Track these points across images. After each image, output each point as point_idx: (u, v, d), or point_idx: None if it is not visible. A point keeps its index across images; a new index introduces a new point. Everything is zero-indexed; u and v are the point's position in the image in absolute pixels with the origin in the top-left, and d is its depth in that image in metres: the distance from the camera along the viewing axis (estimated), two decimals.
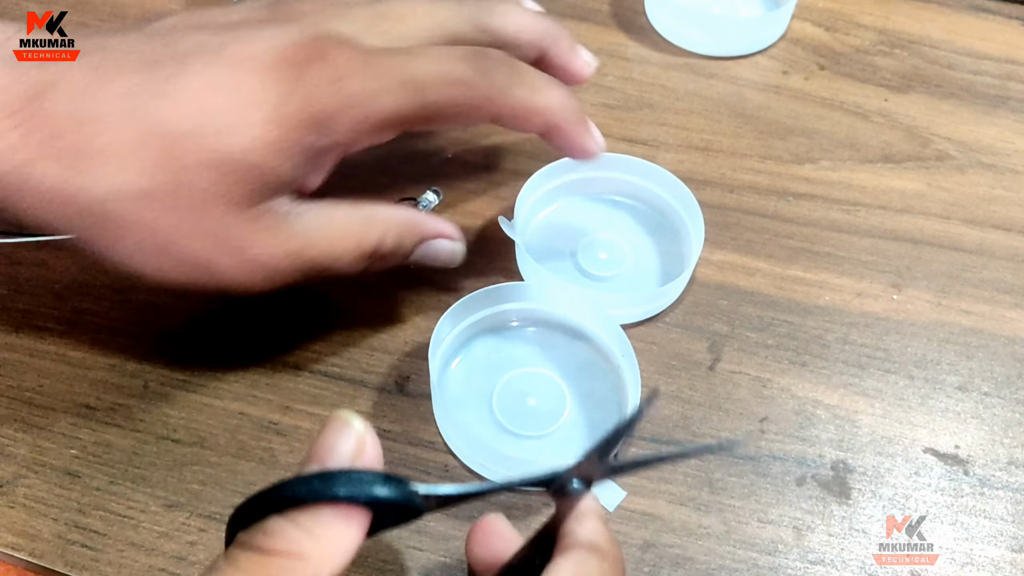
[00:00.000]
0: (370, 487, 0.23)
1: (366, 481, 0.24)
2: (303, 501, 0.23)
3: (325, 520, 0.23)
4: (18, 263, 0.44)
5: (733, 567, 0.36)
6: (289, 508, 0.23)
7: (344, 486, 0.23)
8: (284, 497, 0.23)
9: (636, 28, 0.57)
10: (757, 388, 0.41)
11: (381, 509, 0.24)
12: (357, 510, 0.23)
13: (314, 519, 0.23)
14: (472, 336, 0.41)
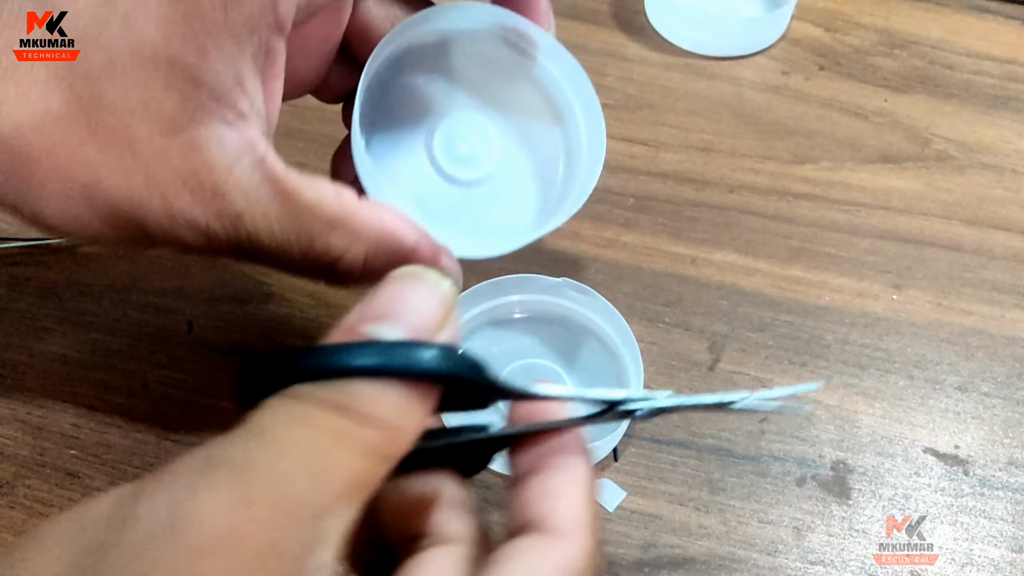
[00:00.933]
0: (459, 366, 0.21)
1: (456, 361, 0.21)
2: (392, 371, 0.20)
3: (416, 396, 0.20)
4: (18, 263, 0.44)
5: (733, 567, 0.36)
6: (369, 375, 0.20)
7: (440, 361, 0.20)
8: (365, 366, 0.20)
9: (636, 28, 0.57)
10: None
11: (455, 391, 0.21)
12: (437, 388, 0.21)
13: (405, 393, 0.20)
14: (475, 328, 0.41)
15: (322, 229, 0.27)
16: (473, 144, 0.35)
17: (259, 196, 0.26)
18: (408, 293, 0.22)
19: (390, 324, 0.21)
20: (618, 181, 0.49)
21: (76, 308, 0.42)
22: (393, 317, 0.21)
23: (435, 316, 0.21)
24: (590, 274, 0.44)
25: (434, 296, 0.22)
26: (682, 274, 0.44)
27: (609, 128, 0.51)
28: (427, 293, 0.22)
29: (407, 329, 0.21)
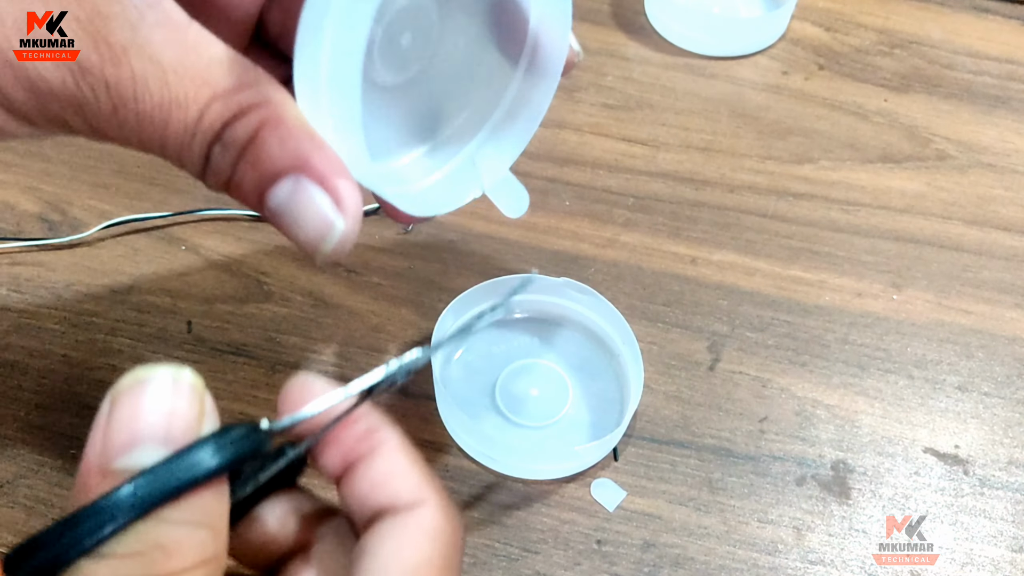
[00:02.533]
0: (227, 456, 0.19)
1: (222, 449, 0.19)
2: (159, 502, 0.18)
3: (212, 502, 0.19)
4: (18, 263, 0.44)
5: (733, 567, 0.36)
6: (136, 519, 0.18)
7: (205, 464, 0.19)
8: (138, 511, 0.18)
9: (636, 28, 0.57)
10: (757, 388, 0.41)
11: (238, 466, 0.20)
12: (218, 482, 0.19)
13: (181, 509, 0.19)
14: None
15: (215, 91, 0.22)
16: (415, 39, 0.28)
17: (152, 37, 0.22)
18: (151, 403, 0.19)
19: (141, 448, 0.18)
20: (618, 181, 0.49)
21: (76, 308, 0.42)
22: (143, 439, 0.18)
23: (191, 415, 0.19)
24: (590, 274, 0.44)
25: (183, 393, 0.19)
26: (682, 274, 0.44)
27: (609, 128, 0.51)
28: (174, 393, 0.19)
29: (165, 446, 0.19)
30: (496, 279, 0.41)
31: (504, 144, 0.29)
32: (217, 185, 0.24)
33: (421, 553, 0.23)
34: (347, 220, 0.23)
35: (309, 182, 0.23)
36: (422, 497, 0.23)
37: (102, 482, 0.18)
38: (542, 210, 0.47)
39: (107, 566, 0.18)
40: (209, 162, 0.23)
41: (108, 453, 0.18)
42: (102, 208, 0.46)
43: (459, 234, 0.46)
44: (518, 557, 0.35)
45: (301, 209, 0.23)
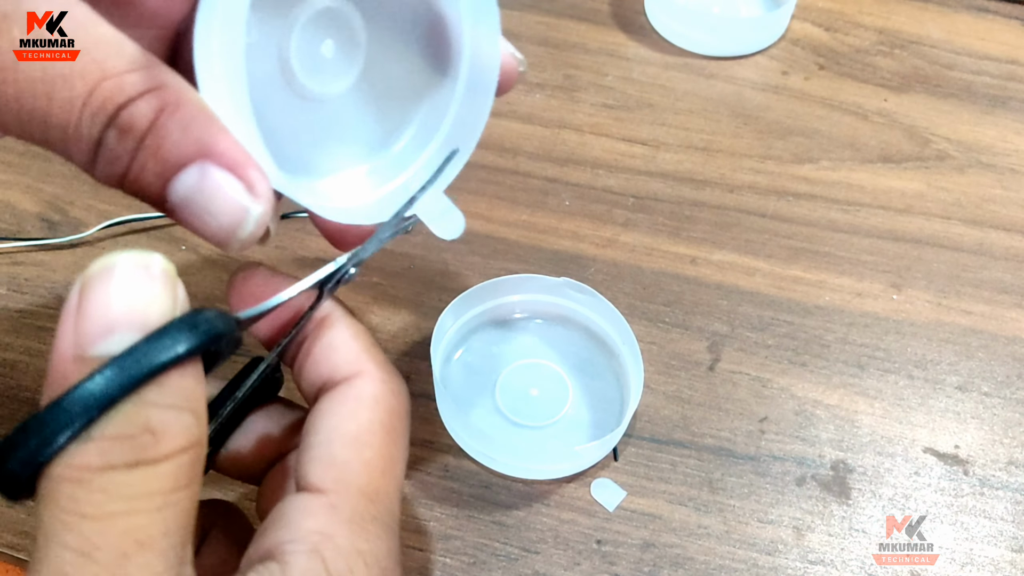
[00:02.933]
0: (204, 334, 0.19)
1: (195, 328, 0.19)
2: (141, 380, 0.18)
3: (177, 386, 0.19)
4: (18, 263, 0.44)
5: (733, 567, 0.36)
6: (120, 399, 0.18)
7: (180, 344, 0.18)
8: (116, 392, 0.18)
9: (636, 28, 0.57)
10: (757, 388, 0.41)
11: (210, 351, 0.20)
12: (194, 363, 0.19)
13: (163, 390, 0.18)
14: (475, 328, 0.41)
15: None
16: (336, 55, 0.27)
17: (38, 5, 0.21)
18: (123, 290, 0.18)
19: (117, 335, 0.18)
20: (618, 181, 0.49)
21: None
22: (118, 325, 0.18)
23: (166, 301, 0.19)
24: (590, 274, 0.44)
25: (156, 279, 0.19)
26: (682, 274, 0.44)
27: (609, 128, 0.51)
28: (147, 280, 0.19)
29: (140, 331, 0.18)
30: (496, 279, 0.41)
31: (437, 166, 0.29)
32: (111, 176, 0.22)
33: (360, 422, 0.23)
34: (261, 203, 0.21)
35: (217, 169, 0.21)
36: (359, 368, 0.24)
37: (79, 369, 0.18)
38: (542, 210, 0.47)
39: (96, 449, 0.18)
40: (101, 149, 0.21)
41: (82, 341, 0.18)
42: (102, 208, 0.46)
43: None
44: (518, 557, 0.35)
45: (210, 198, 0.21)
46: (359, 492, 0.22)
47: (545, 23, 0.57)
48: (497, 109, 0.29)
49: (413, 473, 0.38)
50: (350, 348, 0.24)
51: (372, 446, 0.23)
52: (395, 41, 0.29)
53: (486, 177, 0.48)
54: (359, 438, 0.23)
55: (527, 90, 0.53)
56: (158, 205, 0.22)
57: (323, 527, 0.21)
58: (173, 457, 0.18)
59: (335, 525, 0.22)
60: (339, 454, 0.23)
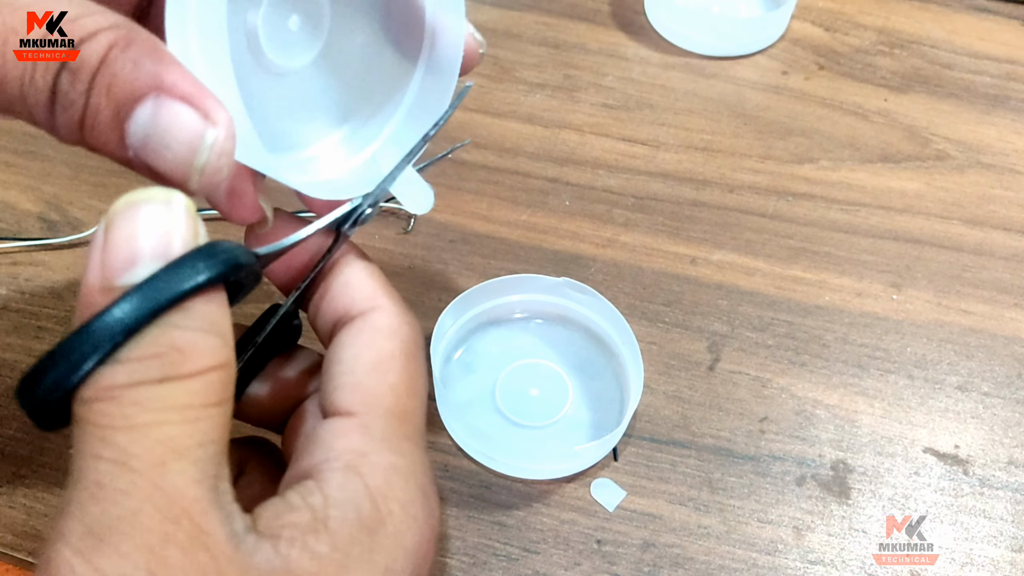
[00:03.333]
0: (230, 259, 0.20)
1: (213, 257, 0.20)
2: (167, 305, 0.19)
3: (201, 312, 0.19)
4: (18, 263, 0.44)
5: (733, 567, 0.36)
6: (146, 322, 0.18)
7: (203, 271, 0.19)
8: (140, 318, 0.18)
9: (636, 28, 0.57)
10: (757, 388, 0.41)
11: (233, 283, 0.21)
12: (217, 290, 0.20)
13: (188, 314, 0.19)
14: (474, 329, 0.41)
15: None
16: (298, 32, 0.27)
17: None
18: (148, 222, 0.19)
19: (142, 265, 0.19)
20: (618, 181, 0.49)
21: (76, 308, 0.42)
22: (143, 255, 0.19)
23: (188, 233, 0.19)
24: (590, 274, 0.44)
25: (173, 211, 0.19)
26: (682, 274, 0.44)
27: (609, 128, 0.51)
28: (169, 213, 0.19)
29: (165, 260, 0.19)
30: (496, 279, 0.41)
31: (406, 142, 0.29)
32: (70, 127, 0.21)
33: (381, 350, 0.24)
34: (219, 129, 0.20)
35: (171, 100, 0.20)
36: (375, 303, 0.25)
37: (106, 299, 0.19)
38: (542, 210, 0.47)
39: (125, 370, 0.18)
40: (57, 96, 0.21)
41: (108, 272, 0.19)
42: (102, 208, 0.46)
43: (459, 234, 0.46)
44: (518, 557, 0.35)
45: (165, 129, 0.20)
46: (388, 412, 0.23)
47: (545, 23, 0.57)
48: (497, 109, 0.29)
49: None
50: (365, 284, 0.25)
51: (394, 370, 0.24)
52: (357, 16, 0.29)
53: (486, 177, 0.48)
54: (381, 364, 0.24)
55: (527, 90, 0.53)
56: (122, 158, 0.21)
57: (357, 445, 0.22)
58: (203, 374, 0.19)
59: (369, 443, 0.22)
60: (364, 379, 0.23)
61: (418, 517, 0.22)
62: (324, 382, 0.24)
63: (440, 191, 0.47)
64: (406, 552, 0.22)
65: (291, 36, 0.27)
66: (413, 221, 0.46)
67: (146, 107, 0.20)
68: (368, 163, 0.29)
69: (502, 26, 0.57)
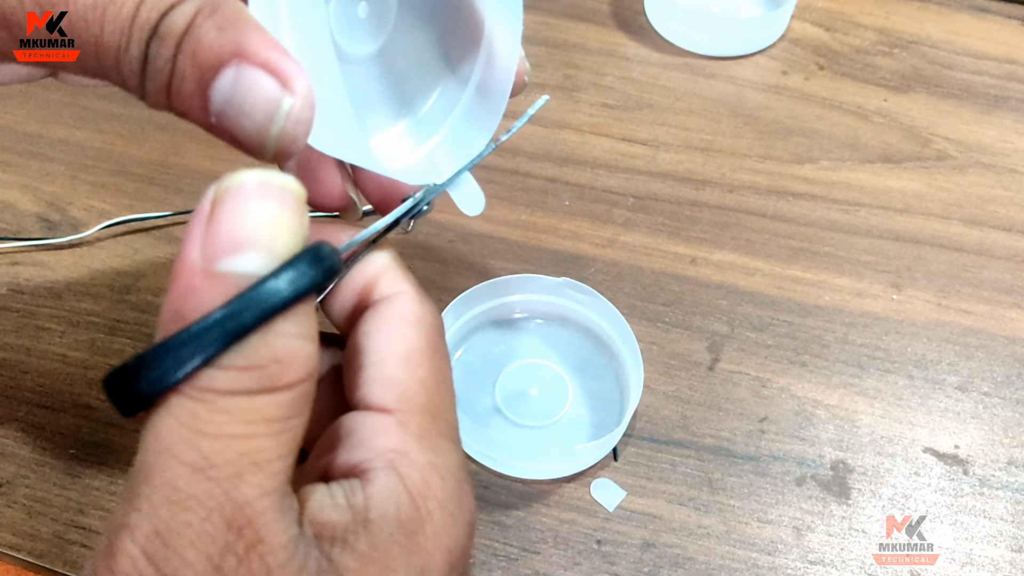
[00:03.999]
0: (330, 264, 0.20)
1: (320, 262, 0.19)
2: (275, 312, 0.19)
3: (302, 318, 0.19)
4: (18, 263, 0.44)
5: (733, 567, 0.36)
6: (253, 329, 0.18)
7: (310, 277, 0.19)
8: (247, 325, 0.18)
9: (636, 28, 0.57)
10: (757, 388, 0.41)
11: None
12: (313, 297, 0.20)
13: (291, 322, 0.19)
14: (475, 328, 0.41)
15: None
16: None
17: None
18: (256, 210, 0.19)
19: (247, 253, 0.18)
20: (618, 181, 0.49)
21: (76, 308, 0.42)
22: (249, 244, 0.18)
23: (294, 230, 0.19)
24: (590, 274, 0.44)
25: (285, 202, 0.19)
26: (682, 274, 0.44)
27: (609, 128, 0.51)
28: (276, 202, 0.19)
29: (268, 255, 0.19)
30: (496, 279, 0.41)
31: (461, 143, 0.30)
32: (158, 93, 0.22)
33: (410, 342, 0.24)
34: (296, 98, 0.20)
35: (251, 67, 0.20)
36: (398, 289, 0.25)
37: (207, 283, 0.18)
38: (542, 210, 0.47)
39: (226, 377, 0.18)
40: (148, 64, 0.21)
41: (210, 254, 0.18)
42: (102, 208, 0.46)
43: (459, 234, 0.46)
44: (518, 557, 0.35)
45: (245, 97, 0.20)
46: (422, 410, 0.23)
47: (545, 23, 0.57)
48: None
49: None
50: (389, 268, 0.25)
51: (424, 365, 0.24)
52: (421, 13, 0.29)
53: (486, 177, 0.48)
54: (411, 357, 0.24)
55: (527, 90, 0.53)
56: (206, 123, 0.21)
57: (397, 445, 0.22)
58: (296, 386, 0.19)
59: (408, 441, 0.22)
60: (395, 374, 0.23)
61: (456, 516, 0.23)
62: (353, 370, 0.24)
63: None
64: (444, 552, 0.22)
65: (358, 23, 0.27)
66: (413, 221, 0.46)
67: (228, 74, 0.20)
68: (425, 159, 0.30)
69: None
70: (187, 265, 0.19)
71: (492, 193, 0.47)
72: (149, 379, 0.19)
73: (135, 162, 0.48)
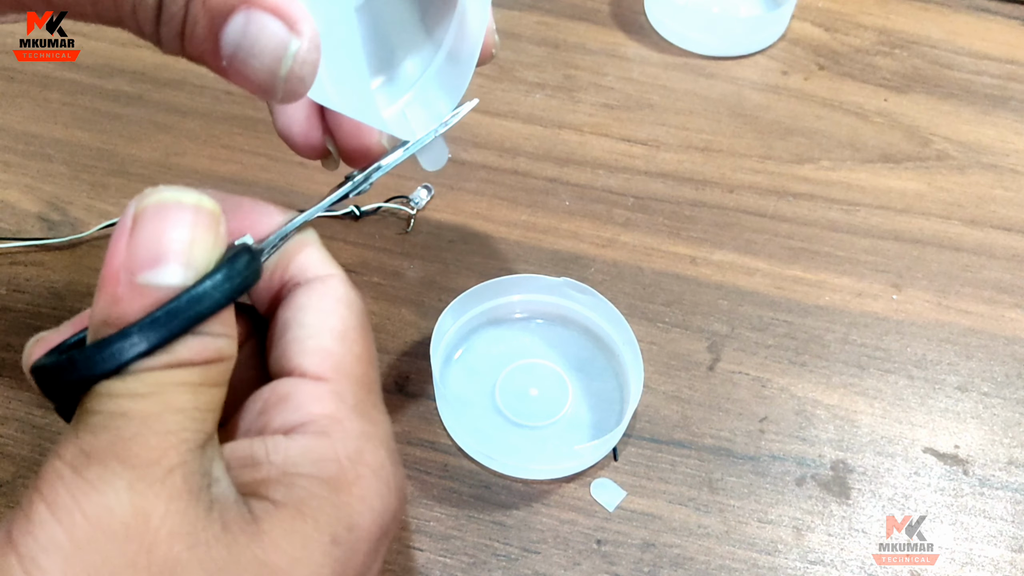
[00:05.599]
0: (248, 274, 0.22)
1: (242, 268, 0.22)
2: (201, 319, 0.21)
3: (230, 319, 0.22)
4: (18, 263, 0.44)
5: (733, 567, 0.36)
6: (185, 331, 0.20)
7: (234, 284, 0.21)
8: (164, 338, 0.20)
9: (636, 28, 0.57)
10: (757, 388, 0.41)
11: None
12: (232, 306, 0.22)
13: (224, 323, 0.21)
14: (474, 329, 0.41)
15: None
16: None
17: None
18: (173, 226, 0.21)
19: (165, 267, 0.20)
20: (618, 181, 0.49)
21: (76, 308, 0.42)
22: (167, 259, 0.20)
23: (208, 243, 0.21)
24: (590, 274, 0.44)
25: (203, 221, 0.21)
26: (682, 274, 0.44)
27: (609, 128, 0.51)
28: (196, 221, 0.21)
29: (185, 268, 0.21)
30: (496, 279, 0.41)
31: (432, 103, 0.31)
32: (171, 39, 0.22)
33: (345, 320, 0.25)
34: (303, 41, 0.21)
35: (260, 11, 0.21)
36: (330, 271, 0.26)
37: (130, 293, 0.20)
38: (542, 210, 0.47)
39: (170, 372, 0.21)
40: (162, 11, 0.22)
41: (133, 266, 0.20)
42: (102, 208, 0.46)
43: (459, 234, 0.46)
44: (518, 557, 0.35)
45: (253, 40, 0.21)
46: (357, 381, 0.24)
47: (545, 23, 0.57)
48: (497, 109, 0.29)
49: (413, 473, 0.37)
50: (319, 251, 0.26)
51: (358, 342, 0.25)
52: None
53: (486, 177, 0.48)
54: (346, 334, 0.25)
55: (527, 90, 0.53)
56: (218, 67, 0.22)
57: (332, 411, 0.23)
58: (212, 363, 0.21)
59: (342, 411, 0.24)
60: (333, 347, 0.24)
61: (388, 482, 0.24)
62: (284, 342, 0.25)
63: (440, 191, 0.47)
64: (373, 514, 0.23)
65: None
66: (413, 221, 0.46)
67: (238, 18, 0.21)
68: (399, 115, 0.31)
69: (502, 26, 0.57)
70: (110, 274, 0.20)
71: (492, 193, 0.48)
72: (80, 371, 0.20)
73: (135, 162, 0.48)
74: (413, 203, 0.46)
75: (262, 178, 0.48)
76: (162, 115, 0.51)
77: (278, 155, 0.48)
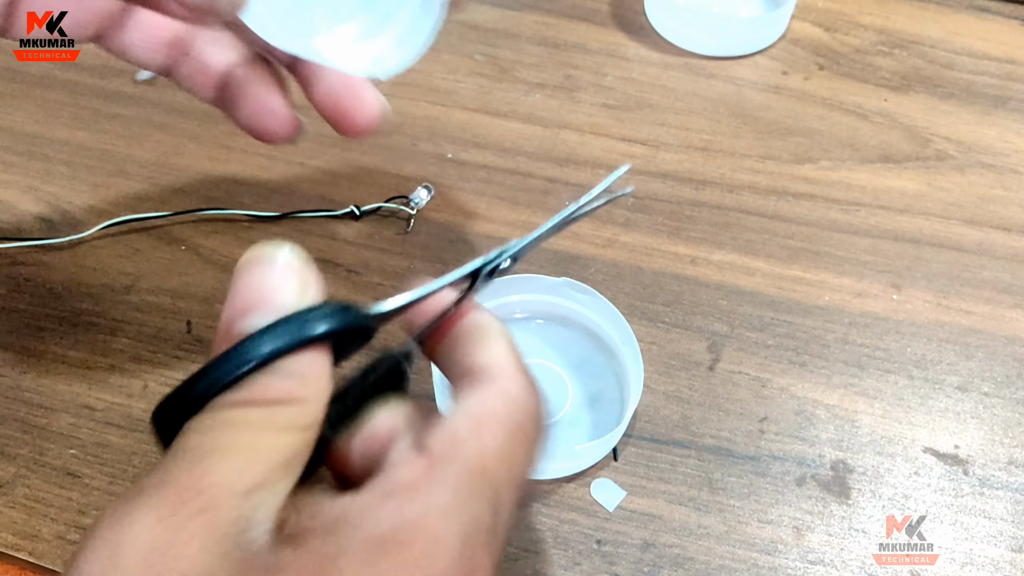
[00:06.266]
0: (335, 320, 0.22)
1: (330, 315, 0.22)
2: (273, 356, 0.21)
3: (307, 362, 0.22)
4: (18, 263, 0.44)
5: (733, 567, 0.36)
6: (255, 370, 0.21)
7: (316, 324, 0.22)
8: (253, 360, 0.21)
9: (636, 28, 0.57)
10: (757, 388, 0.41)
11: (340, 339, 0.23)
12: (325, 346, 0.22)
13: (297, 364, 0.21)
14: None
15: None
16: None
17: None
18: (258, 278, 0.22)
19: (255, 314, 0.22)
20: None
21: (76, 308, 0.42)
22: (256, 307, 0.22)
23: (290, 288, 0.22)
24: (590, 274, 0.44)
25: (281, 270, 0.23)
26: (682, 274, 0.44)
27: (609, 128, 0.51)
28: (273, 271, 0.23)
29: (271, 310, 0.22)
30: (496, 279, 0.41)
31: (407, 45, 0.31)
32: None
33: (487, 407, 0.24)
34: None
35: None
36: (508, 371, 0.25)
37: (226, 344, 0.21)
38: (542, 210, 0.47)
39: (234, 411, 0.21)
40: None
41: (229, 320, 0.22)
42: (102, 208, 0.46)
43: (459, 234, 0.46)
44: (518, 557, 0.35)
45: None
46: (465, 462, 0.22)
47: (545, 23, 0.57)
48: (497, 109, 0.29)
49: None
50: (503, 355, 0.25)
51: (492, 431, 0.23)
52: None
53: (486, 177, 0.48)
54: (480, 419, 0.23)
55: (527, 90, 0.53)
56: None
57: (410, 478, 0.21)
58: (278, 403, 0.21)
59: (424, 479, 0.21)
60: (457, 425, 0.23)
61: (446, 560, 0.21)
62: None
63: (440, 191, 0.47)
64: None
65: None
66: (413, 221, 0.46)
67: None
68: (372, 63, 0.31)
69: (502, 26, 0.57)
70: (219, 327, 0.23)
71: (492, 193, 0.48)
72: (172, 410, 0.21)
73: (135, 162, 0.48)
74: (413, 203, 0.46)
75: (262, 178, 0.48)
76: (162, 115, 0.51)
77: (278, 155, 0.48)
